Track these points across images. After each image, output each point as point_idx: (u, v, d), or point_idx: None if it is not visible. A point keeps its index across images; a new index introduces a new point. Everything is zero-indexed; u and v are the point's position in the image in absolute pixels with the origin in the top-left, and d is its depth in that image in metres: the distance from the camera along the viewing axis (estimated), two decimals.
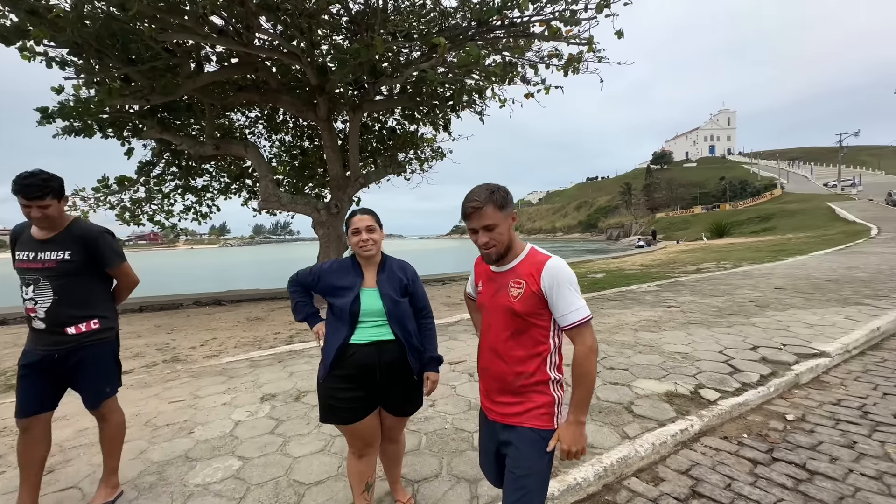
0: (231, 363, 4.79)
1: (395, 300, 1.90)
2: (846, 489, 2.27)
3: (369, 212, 1.96)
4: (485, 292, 1.64)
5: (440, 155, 12.85)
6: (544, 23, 8.17)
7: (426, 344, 2.00)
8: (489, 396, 1.61)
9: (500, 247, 1.50)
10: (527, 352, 1.49)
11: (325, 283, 1.94)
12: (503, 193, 1.49)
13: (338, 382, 1.83)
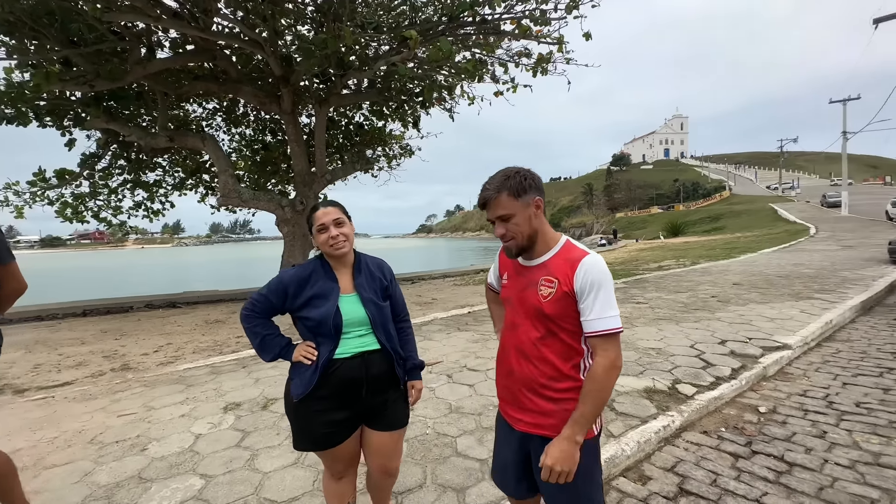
0: (189, 370, 4.44)
1: (379, 305, 1.68)
2: (824, 480, 2.32)
3: (334, 203, 1.69)
4: (511, 286, 1.48)
5: (409, 152, 12.67)
6: (515, 21, 8.17)
7: (407, 350, 1.82)
8: (516, 404, 1.44)
9: (519, 239, 1.34)
10: (560, 355, 1.35)
11: (303, 295, 1.61)
12: (521, 178, 1.31)
13: (319, 404, 1.59)
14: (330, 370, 1.59)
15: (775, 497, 2.19)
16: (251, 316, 1.66)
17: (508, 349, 1.47)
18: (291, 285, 1.63)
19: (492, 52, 8.72)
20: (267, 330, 1.67)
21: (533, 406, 1.39)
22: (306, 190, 9.42)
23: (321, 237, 1.63)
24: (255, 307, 1.65)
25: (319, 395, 1.58)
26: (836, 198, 35.14)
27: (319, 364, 1.57)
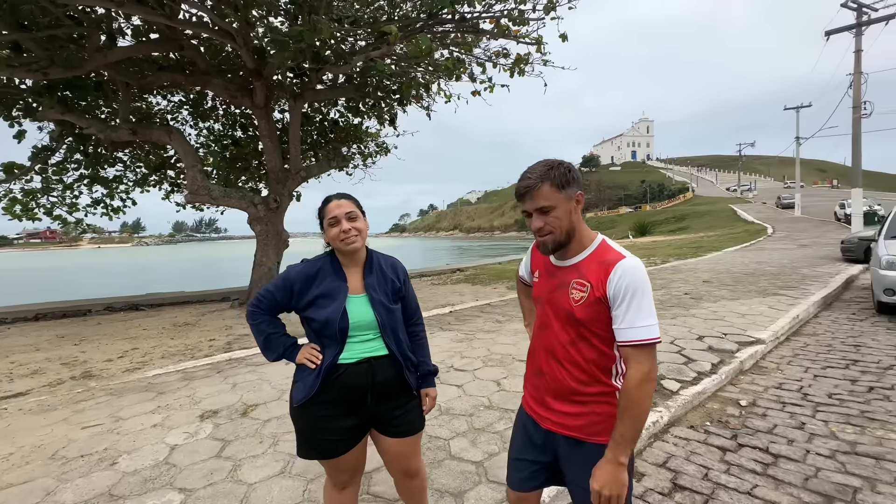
0: (159, 377, 4.19)
1: (390, 308, 1.57)
2: (808, 470, 2.40)
3: (347, 196, 1.59)
4: (542, 286, 1.41)
5: (384, 150, 12.48)
6: (494, 20, 8.17)
7: (420, 355, 1.72)
8: (543, 402, 1.39)
9: (557, 234, 1.26)
10: (591, 360, 1.29)
11: (310, 294, 1.52)
12: (565, 170, 1.24)
13: (322, 409, 1.49)
14: (333, 375, 1.49)
15: (765, 489, 2.25)
16: (256, 313, 1.58)
17: (538, 349, 1.42)
18: (297, 282, 1.53)
19: (469, 51, 8.71)
20: (272, 328, 1.59)
21: (561, 408, 1.34)
22: (280, 187, 9.13)
23: (332, 231, 1.51)
24: (260, 304, 1.57)
25: (322, 401, 1.49)
26: (789, 199, 37.20)
27: (322, 369, 1.48)
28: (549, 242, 1.27)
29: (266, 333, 1.58)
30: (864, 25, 16.38)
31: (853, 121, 16.42)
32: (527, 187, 1.24)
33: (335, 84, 9.64)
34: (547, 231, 1.25)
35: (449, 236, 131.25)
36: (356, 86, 9.43)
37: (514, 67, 8.65)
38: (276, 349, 1.58)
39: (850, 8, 16.50)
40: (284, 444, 2.75)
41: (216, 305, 9.03)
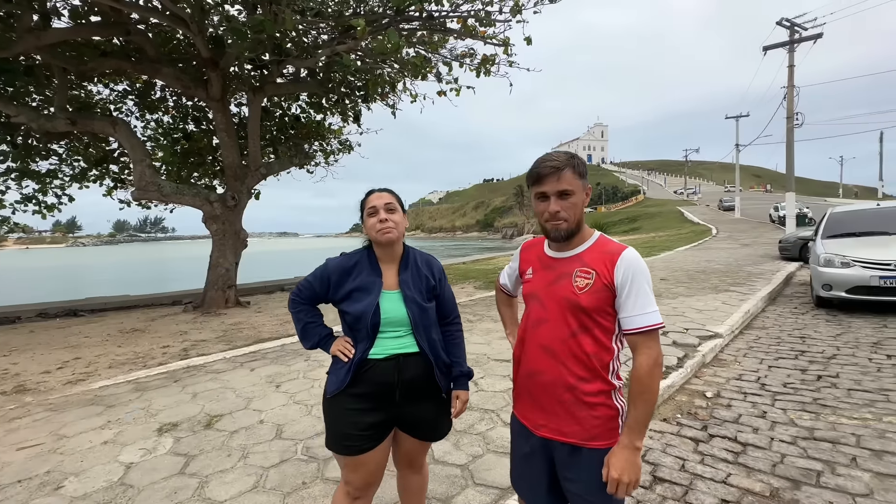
0: (107, 388, 3.84)
1: (423, 307, 1.55)
2: (775, 456, 2.53)
3: (389, 190, 1.62)
4: (538, 280, 1.38)
5: (348, 148, 12.19)
6: (461, 20, 8.17)
7: (454, 356, 1.67)
8: (538, 407, 1.35)
9: (571, 221, 1.28)
10: (592, 354, 1.27)
11: (345, 287, 1.53)
12: (583, 162, 1.30)
13: (351, 402, 1.49)
14: (363, 370, 1.49)
15: (738, 477, 2.34)
16: (296, 301, 1.63)
17: (531, 348, 1.37)
18: (335, 274, 1.55)
19: (436, 50, 8.65)
20: (310, 317, 1.63)
21: (558, 410, 1.30)
22: (238, 184, 8.70)
23: (370, 220, 1.53)
24: (300, 293, 1.62)
25: (352, 394, 1.50)
26: (730, 202, 39.90)
27: (353, 363, 1.49)
28: (563, 229, 1.28)
29: (304, 322, 1.62)
30: (796, 43, 17.82)
31: (787, 130, 17.80)
32: (554, 168, 1.25)
33: (297, 78, 9.30)
34: (563, 216, 1.26)
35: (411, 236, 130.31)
36: (320, 81, 9.15)
37: (480, 67, 8.68)
38: (312, 338, 1.61)
39: (784, 26, 17.91)
40: (255, 457, 2.58)
41: (167, 309, 8.45)
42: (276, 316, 7.30)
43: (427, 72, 8.84)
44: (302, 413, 3.19)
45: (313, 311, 1.65)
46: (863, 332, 4.89)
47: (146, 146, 9.06)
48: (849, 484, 2.21)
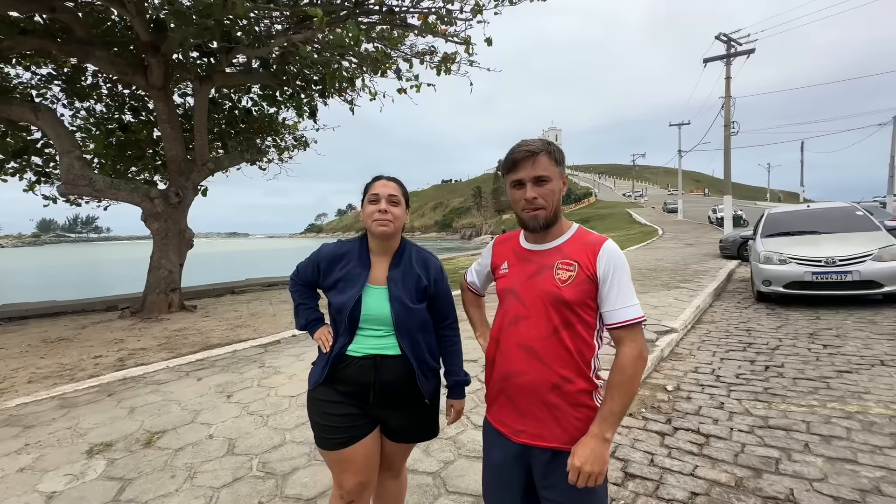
0: (25, 406, 3.39)
1: (408, 307, 1.44)
2: (736, 446, 2.60)
3: (397, 181, 1.53)
4: (515, 274, 1.30)
5: (303, 144, 11.73)
6: (422, 16, 8.06)
7: (449, 363, 1.57)
8: (516, 411, 1.26)
9: (549, 209, 1.23)
10: (574, 351, 1.20)
11: (333, 275, 1.48)
12: (560, 149, 1.25)
13: (329, 394, 1.44)
14: (340, 366, 1.43)
15: (705, 469, 2.39)
16: (294, 281, 1.62)
17: (508, 348, 1.28)
18: (325, 260, 1.51)
19: (395, 45, 8.49)
20: (303, 298, 1.60)
21: (539, 413, 1.22)
22: (182, 180, 8.10)
23: (369, 208, 1.45)
24: (298, 275, 1.60)
25: (330, 387, 1.45)
26: (673, 205, 42.35)
27: (330, 357, 1.43)
28: (542, 217, 1.23)
29: (297, 302, 1.60)
30: (732, 56, 19.16)
31: (725, 138, 19.10)
32: (530, 152, 1.20)
33: (249, 68, 8.79)
34: (540, 204, 1.21)
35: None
36: (273, 72, 8.70)
37: (440, 66, 8.61)
38: (301, 318, 1.59)
39: (721, 40, 19.20)
40: (204, 476, 2.34)
41: (101, 316, 7.71)
42: (225, 320, 6.84)
43: (387, 68, 8.66)
44: (257, 424, 2.94)
45: (308, 292, 1.61)
46: (800, 324, 5.25)
47: (75, 136, 8.23)
48: (805, 470, 2.31)
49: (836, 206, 7.33)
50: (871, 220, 6.56)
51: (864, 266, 5.64)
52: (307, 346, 4.82)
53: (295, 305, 1.61)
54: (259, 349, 4.84)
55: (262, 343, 5.08)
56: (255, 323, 6.55)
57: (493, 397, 1.35)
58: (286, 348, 4.82)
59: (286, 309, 7.67)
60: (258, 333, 5.76)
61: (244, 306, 8.29)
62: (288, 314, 7.16)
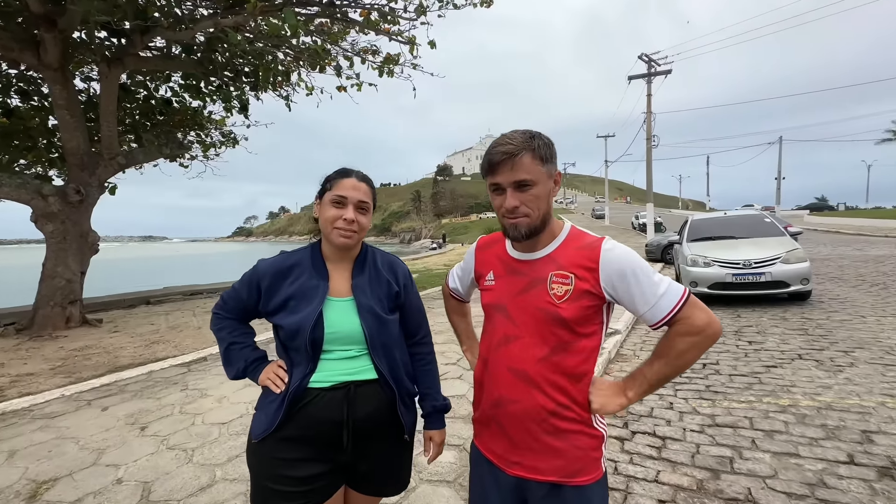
0: None
1: (382, 318, 1.20)
2: (691, 447, 2.64)
3: (369, 181, 1.25)
4: (503, 288, 1.13)
5: (232, 141, 10.86)
6: (365, 12, 7.78)
7: (425, 385, 1.33)
8: (510, 441, 1.10)
9: (534, 217, 1.04)
10: (572, 374, 1.05)
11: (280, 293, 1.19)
12: (547, 142, 1.05)
13: (282, 449, 1.12)
14: (300, 403, 1.13)
15: (666, 473, 2.38)
16: (219, 316, 1.28)
17: (498, 371, 1.12)
18: (266, 277, 1.21)
19: (335, 41, 8.11)
20: (234, 336, 1.27)
21: (535, 444, 1.08)
22: (85, 175, 7.07)
23: (331, 212, 1.17)
24: (225, 305, 1.27)
25: (284, 437, 1.13)
26: (601, 211, 45.26)
27: (287, 394, 1.13)
28: (524, 226, 1.05)
29: (227, 343, 1.26)
30: (653, 76, 20.84)
31: (647, 150, 20.67)
32: (506, 153, 1.02)
33: (169, 54, 7.93)
34: (523, 212, 1.04)
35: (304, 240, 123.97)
36: (198, 60, 7.92)
37: (383, 66, 8.37)
38: (237, 363, 1.25)
39: (643, 60, 20.81)
40: None
41: None
42: (139, 336, 6.02)
43: (326, 63, 8.24)
44: (179, 461, 2.51)
45: (241, 328, 1.29)
46: (725, 322, 5.67)
47: None
48: (756, 467, 2.38)
49: (748, 213, 8.12)
50: (777, 226, 7.32)
51: (775, 268, 6.25)
52: None
53: (223, 348, 1.26)
54: (181, 369, 4.26)
55: (185, 361, 4.49)
56: (175, 338, 5.83)
57: (483, 423, 1.19)
58: (214, 366, 4.29)
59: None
60: (179, 350, 5.10)
61: (162, 318, 7.40)
62: None
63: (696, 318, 0.99)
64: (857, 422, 2.79)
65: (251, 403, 3.28)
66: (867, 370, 3.66)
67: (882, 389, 3.26)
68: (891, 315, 5.39)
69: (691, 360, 1.01)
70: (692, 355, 1.00)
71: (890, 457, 2.38)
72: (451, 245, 43.72)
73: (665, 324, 1.01)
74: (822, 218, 33.25)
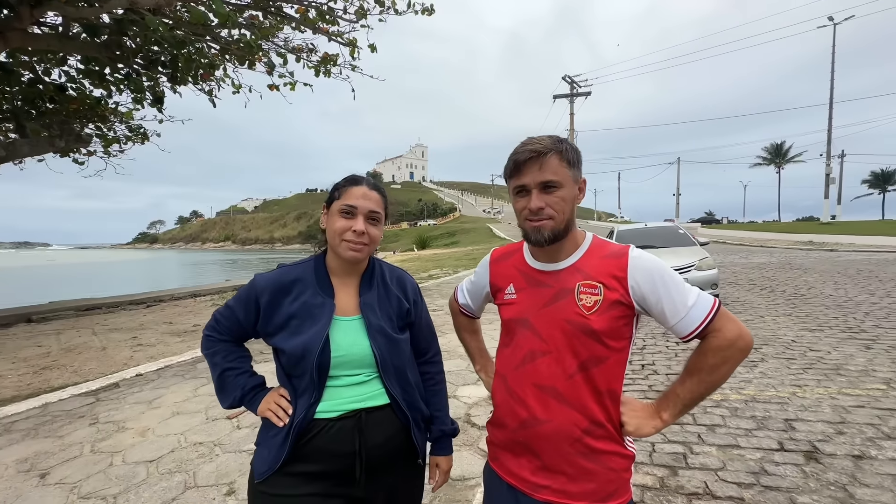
0: None
1: (393, 339, 1.11)
2: (647, 446, 2.78)
3: (381, 190, 1.15)
4: (527, 301, 1.07)
5: (141, 137, 9.75)
6: (302, 9, 7.45)
7: (434, 407, 1.22)
8: (539, 464, 1.04)
9: (558, 220, 1.01)
10: (602, 392, 1.01)
11: (281, 312, 1.07)
12: (574, 148, 1.04)
13: (290, 488, 1.01)
14: (307, 436, 1.03)
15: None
16: (211, 339, 1.14)
17: (524, 389, 1.07)
18: (266, 293, 1.08)
19: (266, 37, 7.66)
20: (229, 361, 1.13)
21: (567, 466, 1.02)
22: None
23: (340, 223, 1.08)
24: (217, 325, 1.14)
25: (291, 473, 1.02)
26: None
27: (292, 427, 1.03)
28: (548, 230, 1.02)
29: (222, 368, 1.12)
30: (575, 96, 22.48)
31: None
32: (535, 152, 1.00)
33: (66, 33, 6.90)
34: (548, 214, 1.01)
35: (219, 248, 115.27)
36: (104, 43, 6.97)
37: (320, 66, 8.06)
38: (233, 391, 1.11)
39: (566, 81, 22.38)
40: None
41: None
42: (23, 361, 5.07)
43: (256, 59, 7.72)
44: None
45: (236, 351, 1.16)
46: (652, 324, 6.14)
47: None
48: (707, 461, 2.56)
49: (665, 225, 8.96)
50: (689, 237, 8.16)
51: (690, 274, 6.93)
52: (166, 385, 3.79)
53: (217, 374, 1.12)
54: (86, 398, 3.63)
55: (91, 389, 3.83)
56: (73, 361, 4.98)
57: (504, 445, 1.11)
58: (131, 392, 3.72)
59: (121, 339, 6.07)
60: (81, 376, 4.37)
61: (52, 339, 6.32)
62: (125, 345, 5.66)
63: (727, 329, 0.98)
64: (779, 411, 3.14)
65: (185, 434, 2.88)
66: (776, 364, 4.16)
67: (790, 381, 3.72)
68: (783, 315, 6.23)
69: (726, 374, 0.99)
70: (726, 369, 0.98)
71: (811, 441, 2.70)
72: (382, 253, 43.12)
73: (696, 336, 1.00)
74: (712, 230, 37.99)
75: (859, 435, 2.74)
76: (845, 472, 2.34)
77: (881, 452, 2.52)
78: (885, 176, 59.70)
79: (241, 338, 1.15)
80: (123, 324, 7.53)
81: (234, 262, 50.37)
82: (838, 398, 3.30)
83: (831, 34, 26.69)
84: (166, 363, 4.59)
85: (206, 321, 1.17)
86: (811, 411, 3.11)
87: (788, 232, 26.43)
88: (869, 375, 3.73)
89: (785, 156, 59.82)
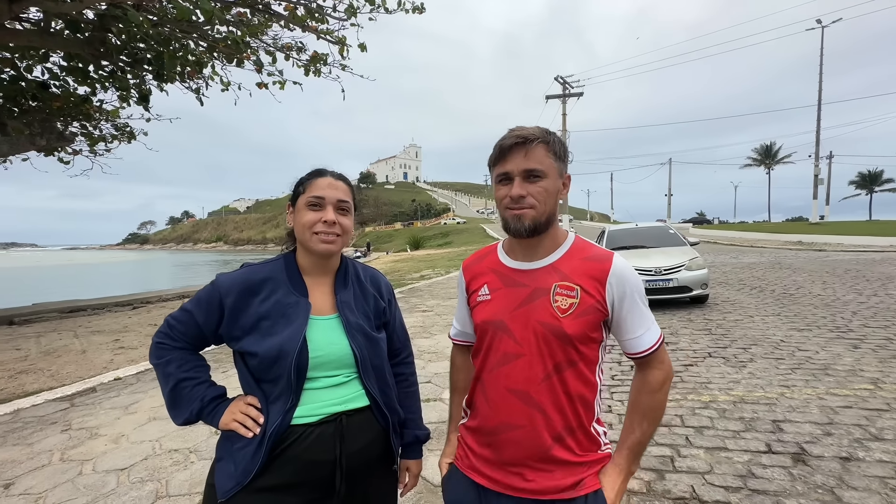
0: None
1: (372, 337, 1.07)
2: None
3: (346, 180, 1.11)
4: (501, 302, 1.03)
5: (128, 136, 9.60)
6: (290, 6, 7.36)
7: (408, 410, 1.19)
8: (510, 471, 1.00)
9: (539, 210, 0.98)
10: (573, 396, 0.98)
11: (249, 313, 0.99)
12: (561, 141, 1.03)
13: (262, 502, 0.92)
14: (282, 446, 0.94)
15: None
16: (163, 347, 1.02)
17: (496, 393, 1.02)
18: (230, 294, 1.00)
19: (254, 34, 7.55)
20: (185, 371, 1.01)
21: (544, 466, 0.99)
22: None
23: (308, 216, 1.02)
24: (171, 331, 1.03)
25: (263, 488, 0.92)
26: None
27: (267, 435, 0.93)
28: (528, 219, 0.98)
29: (176, 379, 1.00)
30: (567, 97, 22.53)
31: None
32: (522, 138, 0.97)
33: (47, 28, 6.75)
34: (529, 203, 0.98)
35: (212, 249, 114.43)
36: (87, 40, 6.84)
37: (309, 65, 7.98)
38: (189, 405, 0.99)
39: (559, 81, 22.43)
40: None
41: None
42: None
43: (244, 57, 7.62)
44: None
45: (193, 360, 1.04)
46: None
47: None
48: (695, 464, 2.52)
49: (656, 225, 8.97)
50: (679, 237, 8.17)
51: (680, 274, 6.93)
52: (144, 389, 3.69)
53: (170, 387, 1.01)
54: (61, 404, 3.52)
55: (66, 394, 3.72)
56: (51, 365, 4.86)
57: (472, 447, 1.07)
58: (106, 397, 3.62)
59: (103, 342, 5.94)
60: (57, 380, 4.25)
61: (31, 342, 6.17)
62: (106, 348, 5.54)
63: (666, 359, 1.05)
64: (767, 413, 3.11)
65: (160, 441, 2.79)
66: (764, 364, 4.15)
67: (779, 381, 3.70)
68: (772, 315, 6.24)
69: (663, 400, 1.04)
70: (663, 395, 1.04)
71: (798, 443, 2.67)
72: (375, 254, 42.97)
73: (644, 356, 1.02)
74: (703, 230, 38.29)
75: (847, 436, 2.72)
76: (833, 475, 2.32)
77: (868, 454, 2.50)
78: (871, 177, 60.54)
79: (198, 345, 1.06)
80: (107, 326, 7.38)
81: (227, 263, 49.98)
82: (826, 398, 3.29)
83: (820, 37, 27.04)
84: (146, 366, 4.48)
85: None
86: (799, 412, 3.09)
87: (778, 232, 26.70)
88: (856, 375, 3.73)
89: (775, 157, 60.46)
